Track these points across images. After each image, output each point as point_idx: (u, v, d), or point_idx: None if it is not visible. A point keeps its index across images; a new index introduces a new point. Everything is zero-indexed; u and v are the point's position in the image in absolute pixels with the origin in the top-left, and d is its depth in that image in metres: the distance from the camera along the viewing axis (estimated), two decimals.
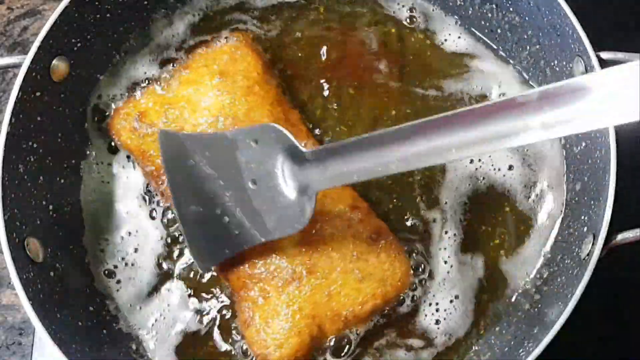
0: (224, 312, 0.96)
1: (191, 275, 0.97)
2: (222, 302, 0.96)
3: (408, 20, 1.09)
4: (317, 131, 1.03)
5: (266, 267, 0.91)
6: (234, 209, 0.87)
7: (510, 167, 1.02)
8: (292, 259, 0.90)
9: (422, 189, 1.01)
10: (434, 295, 0.96)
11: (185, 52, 1.08)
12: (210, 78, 0.99)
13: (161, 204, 0.99)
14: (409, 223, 0.99)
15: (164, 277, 0.98)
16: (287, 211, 0.84)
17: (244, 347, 0.94)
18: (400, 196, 1.00)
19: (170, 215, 0.99)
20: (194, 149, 0.89)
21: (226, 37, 1.05)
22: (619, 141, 0.87)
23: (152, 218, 1.00)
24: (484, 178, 1.01)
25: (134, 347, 0.95)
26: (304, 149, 0.82)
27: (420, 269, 0.97)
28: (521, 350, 0.87)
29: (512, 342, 0.93)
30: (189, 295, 0.97)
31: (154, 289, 0.97)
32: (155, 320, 0.96)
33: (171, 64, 1.07)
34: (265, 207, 0.85)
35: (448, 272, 0.97)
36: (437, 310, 0.96)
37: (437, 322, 0.96)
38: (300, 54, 1.08)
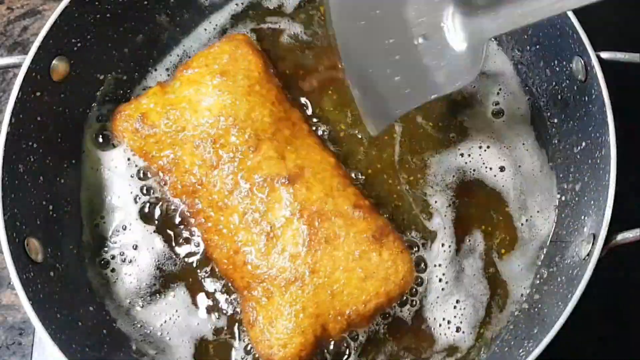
0: (228, 311, 0.96)
1: (191, 274, 0.97)
2: (226, 301, 0.96)
3: None
4: (318, 130, 1.03)
5: (269, 267, 0.91)
6: (405, 66, 0.85)
7: (502, 169, 1.02)
8: (295, 259, 0.91)
9: (419, 187, 1.01)
10: (434, 296, 0.96)
11: (186, 53, 1.08)
12: (211, 78, 0.99)
13: (160, 205, 0.99)
14: (409, 225, 0.99)
15: (164, 276, 0.97)
16: (457, 64, 0.81)
17: (249, 347, 0.94)
18: (402, 196, 1.00)
19: (168, 214, 0.99)
20: (364, 10, 0.86)
21: (226, 37, 1.05)
22: (618, 141, 0.87)
23: (152, 218, 0.99)
24: (482, 180, 1.02)
25: (134, 347, 0.95)
26: None
27: (421, 266, 0.97)
28: (521, 350, 0.87)
29: (512, 342, 0.93)
30: (190, 295, 0.97)
31: (154, 289, 0.97)
32: (155, 319, 0.96)
33: (172, 64, 1.07)
34: (435, 62, 0.83)
35: (448, 274, 0.97)
36: (437, 309, 0.96)
37: (437, 321, 0.95)
38: (300, 54, 1.08)
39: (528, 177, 1.03)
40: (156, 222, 0.99)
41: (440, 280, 0.97)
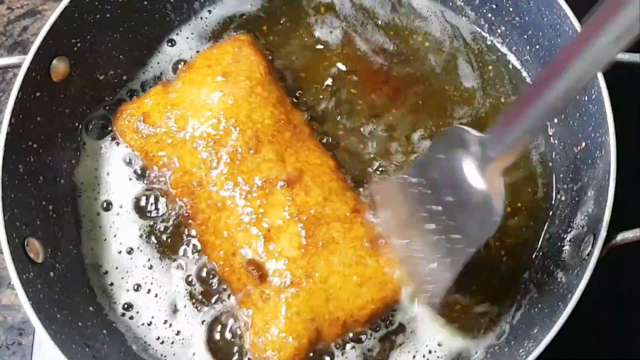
0: (225, 313, 0.96)
1: (189, 273, 0.97)
2: (223, 303, 0.96)
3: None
4: (319, 131, 1.03)
5: (266, 271, 0.91)
6: (443, 230, 0.87)
7: None
8: (292, 263, 0.90)
9: None
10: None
11: (186, 52, 1.08)
12: (213, 78, 0.99)
13: (162, 203, 0.99)
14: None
15: (163, 276, 0.97)
16: (483, 208, 0.82)
17: (244, 349, 0.93)
18: None
19: (168, 213, 0.99)
20: (402, 188, 0.91)
21: (229, 38, 1.05)
22: (619, 141, 0.87)
23: (152, 218, 0.99)
24: None
25: (134, 347, 0.95)
26: (481, 135, 0.81)
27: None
28: (521, 350, 0.87)
29: (512, 342, 0.93)
30: (189, 294, 0.97)
31: (154, 288, 0.97)
32: (153, 318, 0.96)
33: (174, 64, 1.07)
34: (465, 213, 0.85)
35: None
36: (436, 310, 0.96)
37: (437, 321, 0.95)
38: (302, 55, 1.08)
39: (528, 177, 1.02)
40: (155, 222, 0.99)
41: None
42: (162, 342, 0.95)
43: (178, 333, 0.95)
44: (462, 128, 0.83)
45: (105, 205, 1.00)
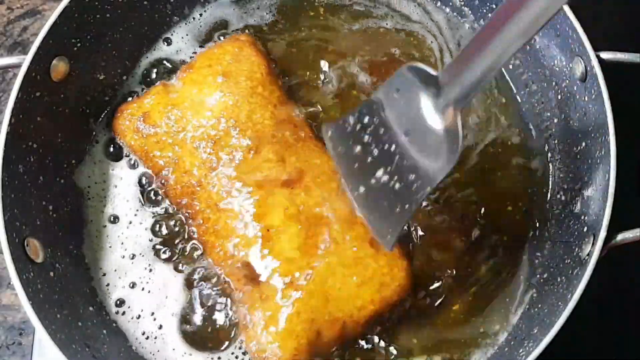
0: (225, 315, 0.96)
1: (188, 273, 0.97)
2: (223, 305, 0.96)
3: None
4: (320, 131, 1.03)
5: (265, 271, 0.91)
6: (398, 170, 0.85)
7: None
8: (291, 263, 0.90)
9: None
10: (433, 296, 0.96)
11: (187, 53, 1.08)
12: (214, 79, 0.99)
13: (159, 204, 0.99)
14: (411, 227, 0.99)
15: (162, 276, 0.97)
16: (440, 147, 0.81)
17: (243, 350, 0.93)
18: None
19: (168, 213, 0.99)
20: (351, 128, 0.88)
21: (230, 38, 1.05)
22: (618, 141, 0.87)
23: (152, 217, 0.99)
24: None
25: (134, 347, 0.95)
26: (435, 72, 0.80)
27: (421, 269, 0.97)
28: (521, 350, 0.87)
29: (512, 342, 0.93)
30: (187, 295, 0.97)
31: (153, 287, 0.97)
32: (154, 319, 0.96)
33: (174, 64, 1.07)
34: (421, 153, 0.83)
35: (447, 275, 0.97)
36: (436, 310, 0.96)
37: (437, 320, 0.96)
38: (302, 54, 1.08)
39: (528, 177, 1.03)
40: (155, 221, 0.99)
41: (438, 282, 0.97)
42: (161, 342, 0.95)
43: (178, 334, 0.95)
44: (417, 66, 0.82)
45: (105, 205, 1.00)
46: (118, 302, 0.96)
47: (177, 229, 0.99)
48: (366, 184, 0.87)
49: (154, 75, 1.07)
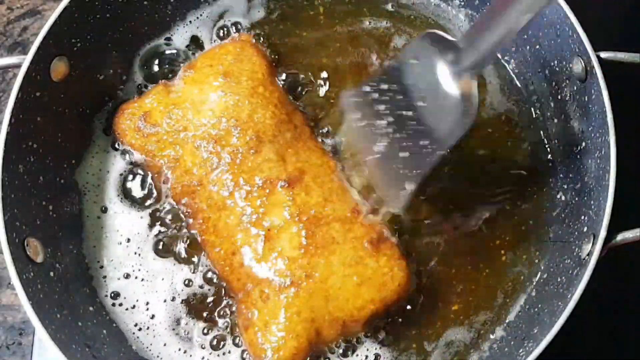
0: (225, 315, 0.96)
1: (187, 273, 0.97)
2: (223, 305, 0.96)
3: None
4: (320, 132, 1.03)
5: (266, 270, 0.91)
6: (412, 135, 0.87)
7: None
8: (292, 263, 0.90)
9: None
10: (433, 296, 0.96)
11: (187, 53, 1.08)
12: (215, 78, 0.99)
13: (160, 204, 0.99)
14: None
15: (161, 274, 0.97)
16: (455, 113, 0.83)
17: (243, 349, 0.93)
18: None
19: (168, 213, 0.99)
20: (369, 95, 0.89)
21: (231, 38, 1.05)
22: (618, 141, 0.87)
23: (152, 218, 0.99)
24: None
25: (134, 347, 0.95)
26: (455, 39, 0.82)
27: (421, 269, 0.97)
28: (521, 350, 0.87)
29: (512, 342, 0.93)
30: (188, 294, 0.97)
31: (152, 287, 0.97)
32: (153, 317, 0.96)
33: (175, 64, 1.07)
34: (436, 119, 0.85)
35: (446, 274, 0.97)
36: (436, 310, 0.96)
37: (437, 319, 0.96)
38: (304, 55, 1.08)
39: (528, 177, 1.03)
40: (154, 221, 0.99)
41: (439, 281, 0.97)
42: (164, 343, 0.95)
43: (177, 335, 0.95)
44: (436, 33, 0.83)
45: (105, 205, 1.00)
46: (113, 294, 0.96)
47: (175, 225, 0.99)
48: (380, 149, 0.88)
49: (154, 75, 1.07)
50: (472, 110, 0.82)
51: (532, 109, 1.06)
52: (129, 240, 0.99)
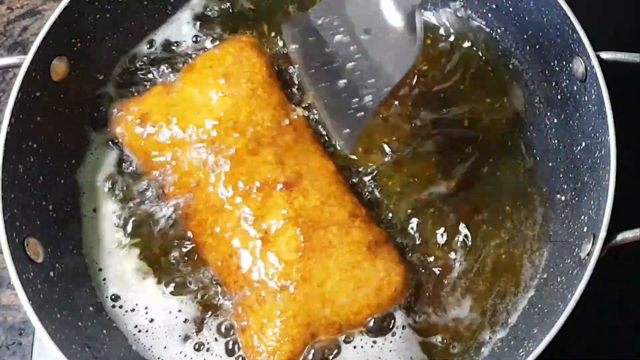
0: (221, 315, 0.96)
1: (186, 273, 0.97)
2: (220, 307, 0.96)
3: None
4: (321, 132, 1.03)
5: (263, 273, 0.91)
6: (358, 70, 0.85)
7: None
8: (289, 266, 0.90)
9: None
10: (433, 296, 0.96)
11: (187, 53, 1.08)
12: (214, 79, 0.99)
13: (159, 203, 0.99)
14: (411, 229, 0.99)
15: (161, 274, 0.97)
16: (400, 45, 0.81)
17: (240, 353, 0.93)
18: (400, 200, 1.00)
19: (166, 215, 0.99)
20: (311, 26, 0.88)
21: (232, 39, 1.05)
22: (618, 141, 0.87)
23: (151, 218, 0.99)
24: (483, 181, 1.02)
25: (134, 347, 0.95)
26: None
27: (420, 269, 0.97)
28: (521, 350, 0.87)
29: (512, 342, 0.93)
30: (184, 295, 0.97)
31: (152, 286, 0.97)
32: (152, 320, 0.95)
33: (175, 64, 1.07)
34: (381, 52, 0.83)
35: (447, 274, 0.97)
36: (437, 309, 0.96)
37: (437, 320, 0.96)
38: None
39: (527, 177, 1.03)
40: (154, 220, 0.99)
41: (439, 281, 0.97)
42: (164, 346, 0.95)
43: (178, 335, 0.95)
44: None
45: (105, 205, 1.00)
46: (112, 297, 0.96)
47: (174, 225, 0.99)
48: (327, 84, 0.87)
49: (154, 76, 1.07)
50: (415, 44, 0.80)
51: (532, 109, 1.05)
52: (128, 239, 0.99)
